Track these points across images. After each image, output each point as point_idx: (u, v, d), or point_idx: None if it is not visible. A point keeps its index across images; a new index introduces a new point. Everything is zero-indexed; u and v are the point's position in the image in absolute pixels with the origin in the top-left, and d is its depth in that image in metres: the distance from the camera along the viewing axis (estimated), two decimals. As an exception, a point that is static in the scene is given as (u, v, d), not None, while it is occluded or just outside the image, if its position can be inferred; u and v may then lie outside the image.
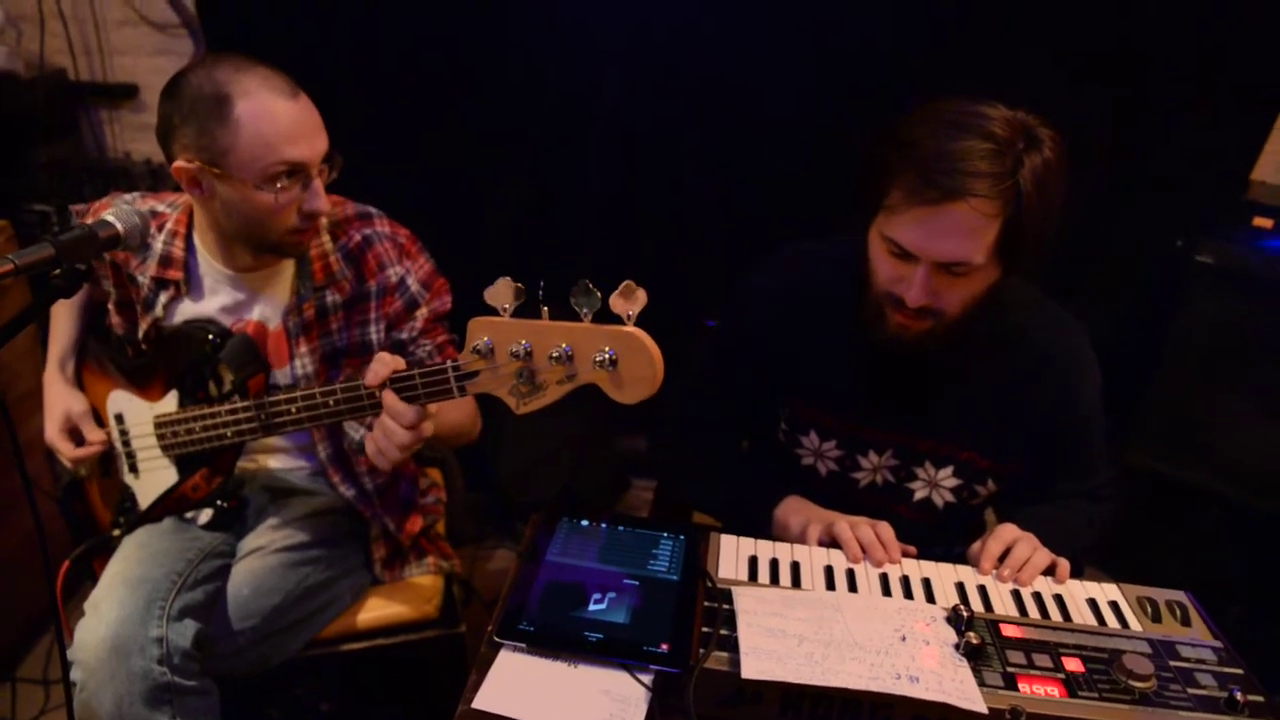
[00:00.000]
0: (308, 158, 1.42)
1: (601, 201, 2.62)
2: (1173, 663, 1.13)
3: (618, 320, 1.04)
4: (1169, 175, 2.40)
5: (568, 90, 2.51)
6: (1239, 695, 1.06)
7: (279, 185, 1.40)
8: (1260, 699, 1.07)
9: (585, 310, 1.05)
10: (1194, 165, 2.39)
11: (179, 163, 1.41)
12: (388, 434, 1.26)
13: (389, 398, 1.24)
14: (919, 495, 1.56)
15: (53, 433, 1.65)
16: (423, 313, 1.63)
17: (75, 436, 1.66)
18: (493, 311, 1.11)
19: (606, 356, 1.05)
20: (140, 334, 1.62)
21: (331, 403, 1.36)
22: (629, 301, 1.02)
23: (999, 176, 1.22)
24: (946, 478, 1.54)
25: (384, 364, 1.26)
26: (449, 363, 1.18)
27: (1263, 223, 2.20)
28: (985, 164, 1.22)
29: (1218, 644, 1.18)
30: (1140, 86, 2.32)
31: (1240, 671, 1.13)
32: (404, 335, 1.63)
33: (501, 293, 1.10)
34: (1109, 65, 2.30)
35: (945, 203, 1.23)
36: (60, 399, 1.67)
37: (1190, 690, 1.09)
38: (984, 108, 1.27)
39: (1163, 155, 2.39)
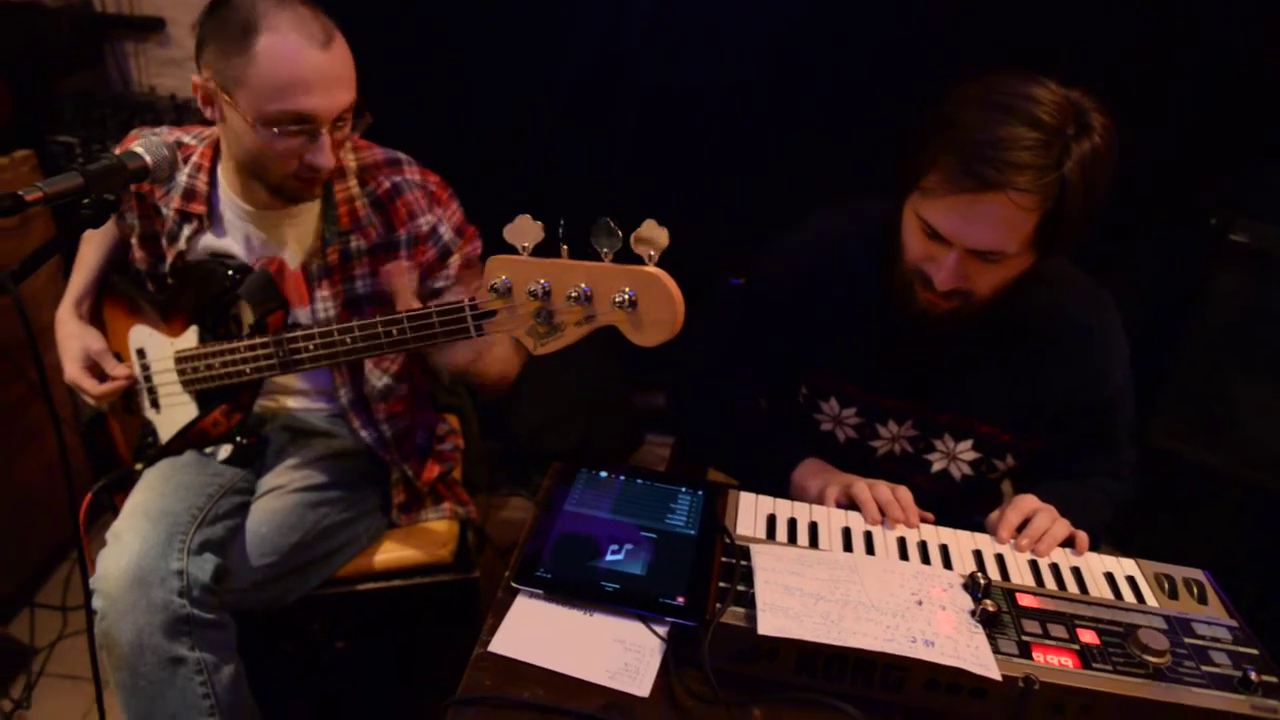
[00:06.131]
0: (318, 111, 1.38)
1: (630, 152, 2.59)
2: (1188, 640, 1.13)
3: (639, 261, 1.02)
4: (1206, 151, 2.35)
5: (600, 33, 2.46)
6: (1253, 674, 1.06)
7: (275, 130, 1.38)
8: (1274, 679, 1.07)
9: (606, 250, 1.02)
10: (1232, 142, 2.34)
11: (197, 78, 1.41)
12: None
13: None
14: (937, 467, 1.56)
15: (74, 371, 1.63)
16: (456, 259, 1.63)
17: (97, 373, 1.66)
18: (512, 250, 1.08)
19: (626, 297, 1.03)
20: (167, 266, 1.62)
21: (349, 340, 1.36)
22: (650, 241, 1.00)
23: (1043, 169, 1.17)
24: (965, 451, 1.53)
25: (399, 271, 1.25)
26: (466, 301, 1.17)
27: (1300, 202, 2.16)
28: (1029, 155, 1.17)
29: (1233, 623, 1.18)
30: (1181, 58, 2.27)
31: (1255, 651, 1.13)
32: (440, 283, 1.63)
33: (521, 230, 1.07)
34: (1150, 37, 2.25)
35: (984, 192, 1.20)
36: (76, 336, 1.65)
37: (1204, 667, 1.09)
38: (1034, 89, 1.21)
39: (1200, 131, 2.34)
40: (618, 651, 1.09)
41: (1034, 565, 1.26)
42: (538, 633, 1.11)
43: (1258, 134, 2.35)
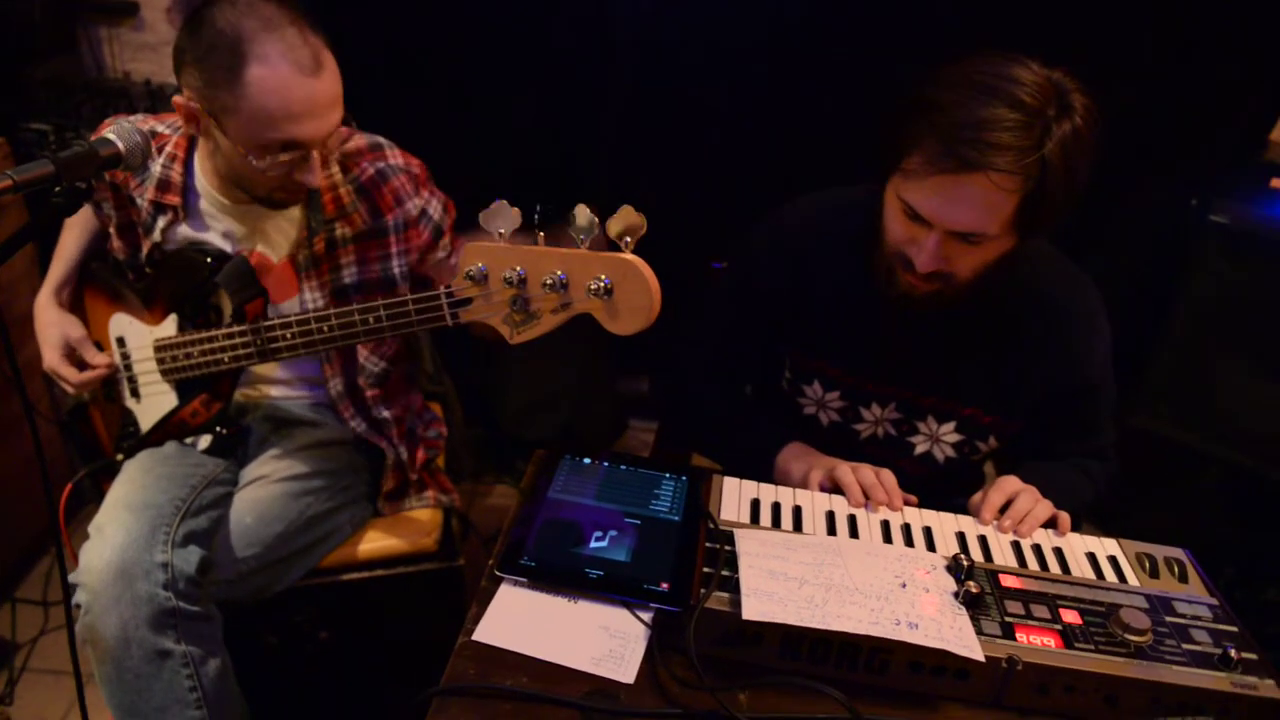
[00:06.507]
0: (311, 138, 1.37)
1: (611, 139, 2.58)
2: (1169, 618, 1.14)
3: (615, 248, 1.01)
4: (1187, 134, 2.36)
5: (585, 19, 2.44)
6: (1233, 652, 1.07)
7: (268, 159, 1.36)
8: (1253, 656, 1.08)
9: (583, 237, 1.01)
10: (1213, 124, 2.35)
11: (180, 98, 1.38)
12: None
13: None
14: (920, 449, 1.56)
15: (53, 359, 1.61)
16: (448, 238, 1.67)
17: (76, 361, 1.64)
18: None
19: (601, 284, 1.02)
20: (143, 256, 1.60)
21: (326, 329, 1.35)
22: (627, 227, 0.98)
23: (1024, 150, 1.17)
24: (948, 433, 1.54)
25: None
26: (443, 289, 1.17)
27: (1280, 184, 2.17)
28: (1010, 136, 1.17)
29: (1214, 601, 1.19)
30: (1161, 42, 2.27)
31: (1235, 629, 1.14)
32: (440, 254, 1.67)
33: (498, 217, 1.06)
34: (1129, 20, 2.25)
35: (964, 173, 1.19)
36: (55, 324, 1.63)
37: (1185, 646, 1.10)
38: (1016, 69, 1.20)
39: (1181, 113, 2.35)
40: (602, 638, 1.09)
41: (1016, 546, 1.27)
42: (522, 620, 1.10)
43: (1239, 115, 2.36)
